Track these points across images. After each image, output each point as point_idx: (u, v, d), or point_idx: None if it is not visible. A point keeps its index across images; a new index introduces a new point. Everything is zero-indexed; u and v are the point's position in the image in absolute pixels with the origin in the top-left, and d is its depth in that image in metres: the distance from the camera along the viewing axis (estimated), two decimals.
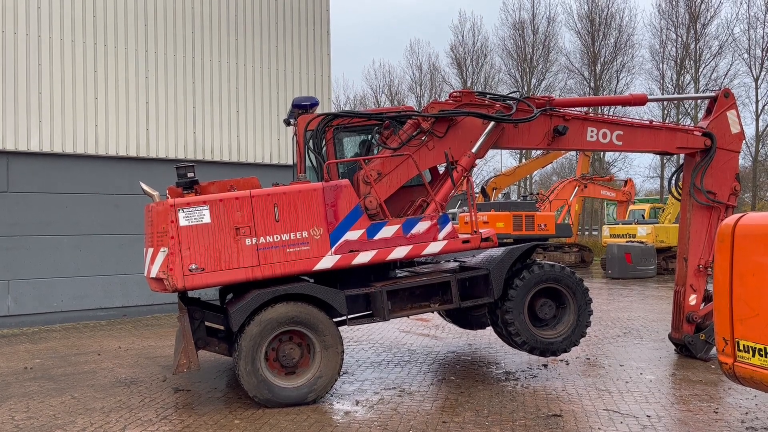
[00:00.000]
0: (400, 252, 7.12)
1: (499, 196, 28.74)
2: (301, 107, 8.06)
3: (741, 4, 48.51)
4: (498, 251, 7.73)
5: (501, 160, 61.39)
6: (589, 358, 8.86)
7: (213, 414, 6.46)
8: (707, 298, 8.71)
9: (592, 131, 8.24)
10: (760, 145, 37.64)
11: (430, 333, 10.93)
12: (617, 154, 42.10)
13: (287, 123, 8.52)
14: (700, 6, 37.94)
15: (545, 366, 8.36)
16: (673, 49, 39.15)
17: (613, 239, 24.71)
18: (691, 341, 8.63)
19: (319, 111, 8.30)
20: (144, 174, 12.98)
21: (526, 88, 43.10)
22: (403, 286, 7.32)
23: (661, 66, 39.58)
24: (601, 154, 41.73)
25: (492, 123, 7.71)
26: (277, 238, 6.70)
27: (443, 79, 48.84)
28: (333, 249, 6.86)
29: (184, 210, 6.50)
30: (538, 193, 30.26)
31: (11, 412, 6.59)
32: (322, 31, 15.42)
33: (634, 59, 41.15)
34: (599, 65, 41.05)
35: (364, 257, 6.98)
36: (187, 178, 6.99)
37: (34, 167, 12.15)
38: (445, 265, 8.50)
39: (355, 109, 49.97)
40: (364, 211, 7.04)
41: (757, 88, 36.32)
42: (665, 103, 37.41)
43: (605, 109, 33.20)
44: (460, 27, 49.13)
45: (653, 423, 6.04)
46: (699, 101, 31.96)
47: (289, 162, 14.82)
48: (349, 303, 7.04)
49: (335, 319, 7.02)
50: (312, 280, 7.33)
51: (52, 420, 6.31)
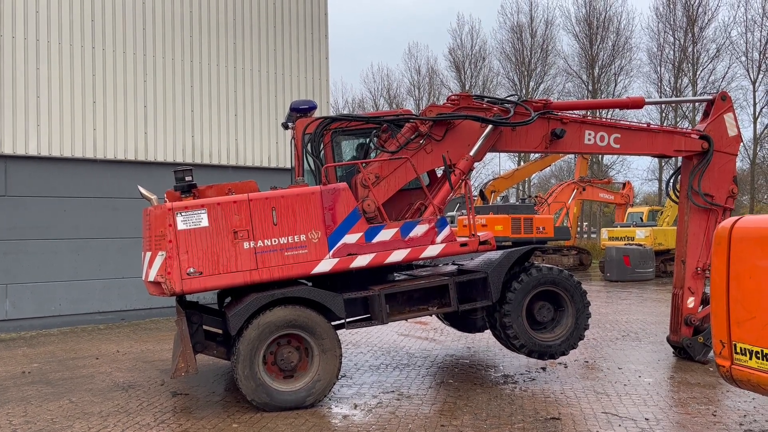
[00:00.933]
0: (398, 255, 7.12)
1: (498, 199, 28.77)
2: (300, 111, 8.06)
3: (738, 7, 48.55)
4: (496, 254, 7.73)
5: (499, 163, 61.60)
6: (587, 361, 8.86)
7: (211, 418, 6.45)
8: (705, 301, 8.71)
9: (590, 134, 8.26)
10: (758, 148, 37.67)
11: (428, 336, 10.93)
12: (615, 156, 42.15)
13: (285, 127, 8.52)
14: (698, 9, 38.05)
15: (543, 369, 8.36)
16: (671, 52, 39.27)
17: (611, 242, 24.74)
18: (690, 344, 8.63)
19: (317, 114, 8.31)
20: (142, 178, 12.96)
21: (524, 91, 43.16)
22: (401, 290, 7.32)
23: (659, 69, 39.67)
24: (600, 156, 41.78)
25: (490, 126, 7.72)
26: (275, 241, 6.70)
27: (442, 82, 48.93)
28: (331, 252, 6.86)
29: (182, 214, 6.49)
30: (536, 196, 30.28)
31: (9, 417, 6.57)
32: (320, 34, 15.44)
33: (632, 62, 41.25)
34: (597, 68, 41.12)
35: (362, 260, 6.97)
36: (185, 181, 6.99)
37: (32, 171, 12.14)
38: (443, 269, 8.50)
39: (353, 113, 50.07)
40: (362, 215, 7.04)
41: (754, 91, 36.41)
42: (663, 106, 37.46)
43: (603, 112, 33.27)
44: (458, 30, 49.18)
45: (651, 426, 6.04)
46: (697, 104, 31.99)
47: (288, 165, 14.84)
48: (348, 306, 7.03)
49: (333, 323, 7.01)
50: (310, 284, 7.33)
51: (50, 424, 6.30)
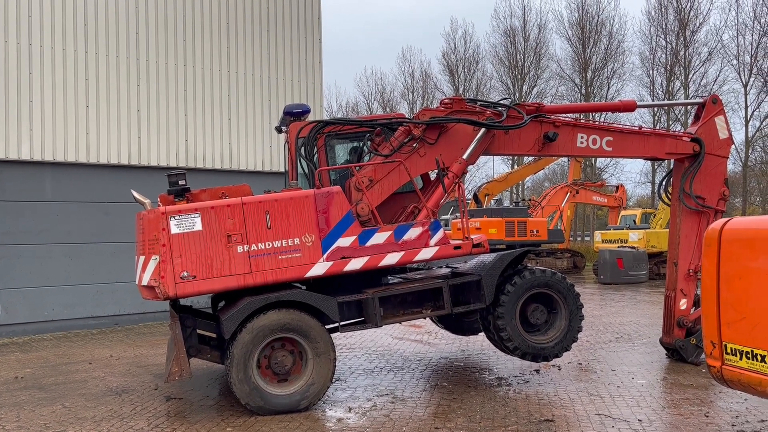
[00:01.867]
0: (392, 258, 7.13)
1: (492, 202, 28.84)
2: (293, 115, 8.08)
3: (729, 10, 48.87)
4: (489, 257, 7.76)
5: (493, 167, 61.67)
6: (581, 363, 8.88)
7: (205, 422, 6.44)
8: (697, 303, 8.76)
9: (582, 137, 8.31)
10: (750, 151, 37.93)
11: (423, 339, 10.94)
12: (608, 159, 42.33)
13: (279, 130, 8.53)
14: (689, 13, 38.32)
15: (537, 371, 8.38)
16: (663, 55, 39.50)
17: (605, 245, 24.82)
18: (682, 345, 8.68)
19: (311, 118, 8.32)
20: (136, 182, 12.94)
21: (517, 94, 43.32)
22: (395, 293, 7.33)
23: (651, 72, 39.91)
24: (593, 160, 41.94)
25: (483, 129, 7.75)
26: (268, 245, 6.70)
27: (435, 86, 49.05)
28: (325, 256, 6.87)
29: (176, 218, 6.49)
30: (530, 199, 30.38)
31: (1, 422, 6.54)
32: (314, 38, 15.47)
33: (625, 66, 41.48)
34: (590, 72, 41.32)
35: (356, 264, 6.99)
36: (179, 185, 6.99)
37: (24, 175, 12.10)
38: (437, 271, 8.52)
39: (347, 116, 50.11)
40: (356, 218, 7.05)
41: (746, 94, 36.69)
42: (656, 109, 37.69)
43: (597, 115, 33.44)
44: (451, 34, 49.66)
45: (644, 427, 6.06)
46: (689, 107, 32.19)
47: (281, 169, 14.83)
48: (342, 310, 7.04)
49: (328, 326, 7.02)
50: (304, 287, 7.34)
51: (43, 430, 6.28)
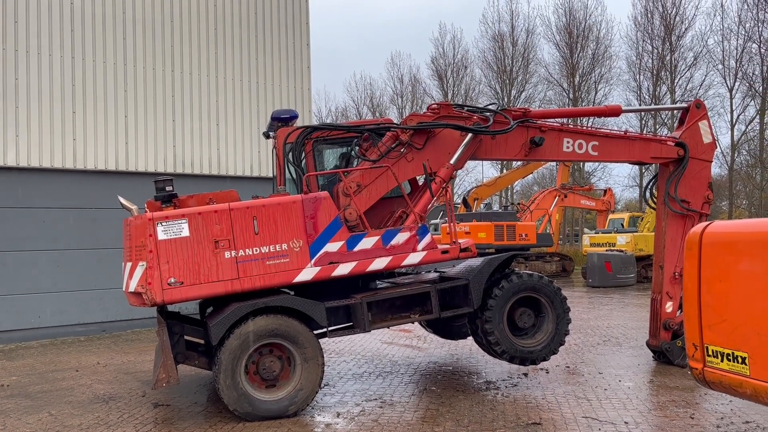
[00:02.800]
0: (379, 263, 7.15)
1: (481, 206, 28.93)
2: (281, 120, 8.09)
3: (714, 16, 49.61)
4: (477, 261, 7.79)
5: (482, 171, 61.81)
6: (568, 367, 8.93)
7: (193, 429, 6.42)
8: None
9: (568, 142, 8.38)
10: (736, 154, 38.29)
11: (412, 344, 10.95)
12: (596, 164, 42.60)
13: (266, 136, 8.54)
14: (675, 18, 38.69)
15: (525, 375, 8.42)
16: (650, 60, 39.84)
17: (593, 248, 24.96)
18: (668, 348, 8.75)
19: (299, 123, 8.34)
20: (123, 188, 12.87)
21: (506, 99, 43.54)
22: (383, 297, 7.34)
23: (638, 77, 40.23)
24: (581, 164, 42.20)
25: (470, 135, 7.81)
26: (256, 250, 6.70)
27: (424, 90, 49.19)
28: (313, 261, 6.88)
29: (163, 223, 6.48)
30: (519, 203, 30.51)
31: None
32: (302, 43, 15.49)
33: (612, 70, 41.80)
34: (578, 76, 41.60)
35: (343, 269, 7.00)
36: (166, 191, 6.97)
37: (10, 182, 12.02)
38: (425, 276, 8.54)
39: (335, 122, 50.13)
40: (344, 223, 7.06)
41: (731, 99, 37.06)
42: (643, 113, 37.99)
43: (585, 120, 33.67)
44: (440, 39, 49.62)
45: (631, 429, 6.11)
46: (675, 112, 32.50)
47: (270, 174, 14.81)
48: (330, 315, 7.04)
49: (316, 332, 7.02)
50: (292, 293, 7.33)
51: None
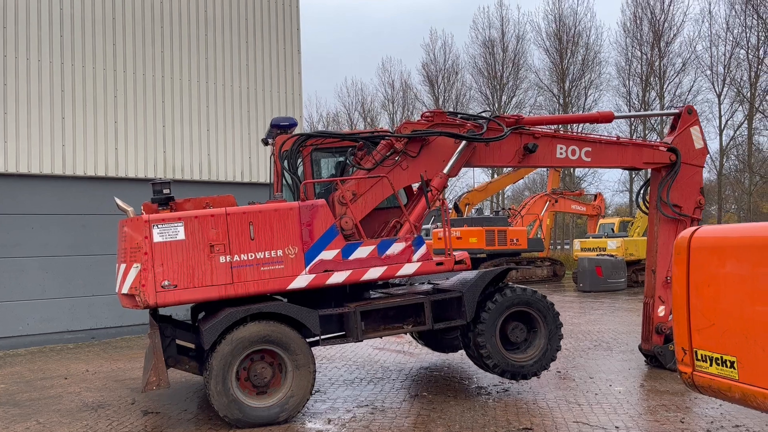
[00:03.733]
0: (374, 273, 7.15)
1: (472, 211, 29.00)
2: (280, 127, 8.09)
3: (703, 22, 50.02)
4: (471, 274, 7.81)
5: (473, 176, 62.09)
6: (559, 371, 8.94)
7: None
8: None
9: (561, 148, 8.43)
10: (725, 159, 38.59)
11: (403, 349, 10.94)
12: (587, 168, 42.78)
13: (265, 143, 8.56)
14: (664, 24, 39.02)
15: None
16: (639, 66, 40.11)
17: (584, 253, 25.05)
18: (660, 352, 8.78)
19: (297, 131, 8.34)
20: (113, 194, 12.73)
21: (496, 105, 43.71)
22: (376, 307, 7.33)
23: (627, 83, 40.50)
24: (572, 169, 42.41)
25: (464, 142, 7.84)
26: (251, 256, 6.69)
27: (415, 96, 49.31)
28: (308, 268, 6.87)
29: (159, 226, 6.46)
30: (510, 209, 30.60)
31: None
32: (293, 49, 15.49)
33: (602, 76, 42.04)
34: (568, 82, 41.83)
35: (338, 277, 6.99)
36: (163, 194, 6.97)
37: None
38: (418, 288, 8.54)
39: (327, 128, 50.14)
40: (340, 232, 7.06)
41: (719, 104, 37.36)
42: (632, 119, 38.23)
43: (576, 126, 33.83)
44: (431, 45, 49.97)
45: None
46: (665, 117, 32.70)
47: (261, 180, 14.82)
48: (323, 323, 7.02)
49: (308, 339, 6.99)
50: (285, 300, 7.31)
51: None
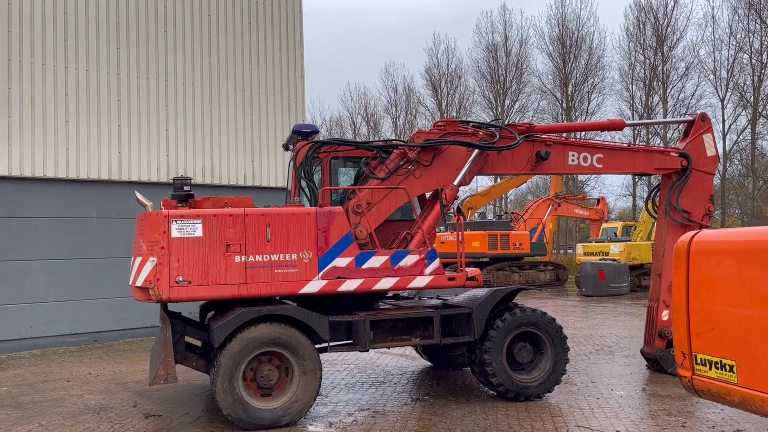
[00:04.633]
0: (386, 283, 7.19)
1: (475, 215, 29.03)
2: (301, 134, 8.14)
3: (706, 27, 49.87)
4: (482, 291, 7.82)
5: (476, 180, 61.97)
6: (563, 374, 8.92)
7: None
8: None
9: (573, 155, 8.46)
10: (728, 164, 38.55)
11: (405, 353, 10.94)
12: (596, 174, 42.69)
13: (285, 148, 8.63)
14: (667, 29, 39.06)
15: None
16: (642, 70, 40.16)
17: (586, 257, 25.03)
18: (662, 356, 8.77)
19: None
20: (116, 197, 12.89)
21: (500, 109, 43.76)
22: (386, 318, 7.35)
23: (630, 87, 40.53)
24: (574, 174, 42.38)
25: (476, 150, 7.88)
26: (266, 258, 6.74)
27: (418, 100, 49.42)
28: (320, 274, 6.91)
29: (178, 222, 6.52)
30: (512, 213, 30.61)
31: None
32: (296, 54, 15.55)
33: (605, 80, 42.10)
34: (571, 86, 41.86)
35: (350, 285, 7.03)
36: (183, 191, 7.04)
37: (2, 191, 11.98)
38: (428, 302, 8.56)
39: (332, 134, 50.24)
40: (355, 240, 7.10)
41: (723, 108, 37.39)
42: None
43: (579, 133, 33.80)
44: (434, 49, 49.88)
45: None
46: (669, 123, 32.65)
47: (264, 184, 14.89)
48: (331, 329, 7.04)
49: (317, 345, 7.02)
50: (294, 303, 7.34)
51: None
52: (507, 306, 7.84)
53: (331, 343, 7.14)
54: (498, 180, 40.92)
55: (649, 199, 9.54)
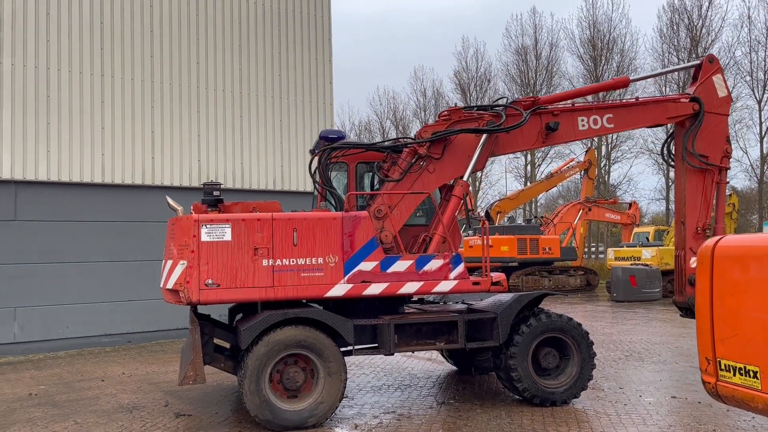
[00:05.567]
0: (410, 287, 7.24)
1: (504, 219, 28.84)
2: (328, 139, 8.24)
3: (742, 27, 48.57)
4: (507, 296, 7.82)
5: (506, 184, 61.67)
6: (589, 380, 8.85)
7: None
8: None
9: (583, 120, 8.31)
10: (765, 167, 37.62)
11: (431, 357, 10.96)
12: (622, 176, 42.22)
13: (312, 153, 8.73)
14: (701, 30, 38.35)
15: None
16: (676, 73, 39.40)
17: (618, 262, 24.68)
18: (694, 303, 8.58)
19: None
20: (149, 201, 13.18)
21: None
22: (411, 322, 7.40)
23: (664, 89, 39.78)
24: (605, 177, 41.84)
25: (485, 135, 7.81)
26: (293, 261, 6.86)
27: (447, 104, 49.29)
28: (346, 278, 7.00)
29: (207, 226, 6.69)
30: (542, 217, 30.35)
31: None
32: (324, 60, 15.72)
33: (637, 83, 41.44)
34: None
35: (375, 289, 7.10)
36: (213, 196, 7.20)
37: (41, 196, 12.36)
38: (453, 306, 8.58)
39: (360, 138, 50.45)
40: (380, 244, 7.17)
41: (760, 110, 36.52)
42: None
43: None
44: (463, 53, 49.99)
45: None
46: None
47: (293, 188, 15.07)
48: (356, 333, 7.11)
49: (342, 349, 7.10)
50: (320, 307, 7.43)
51: None
52: (532, 311, 7.81)
53: (355, 347, 7.21)
54: (528, 183, 40.63)
55: (665, 147, 9.28)
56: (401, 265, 7.22)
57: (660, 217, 44.75)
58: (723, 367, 3.78)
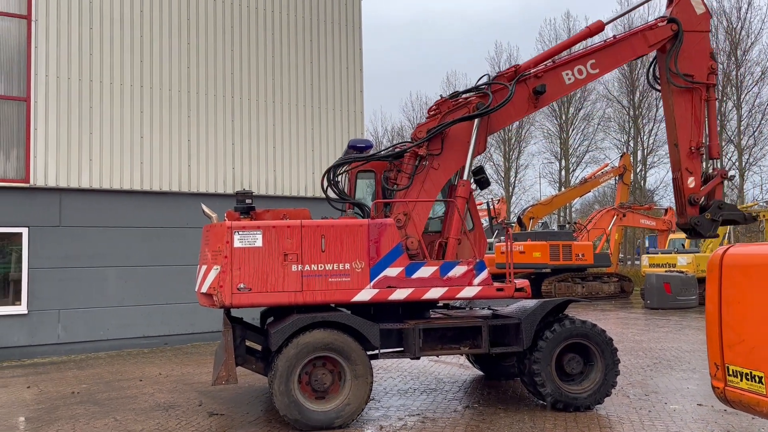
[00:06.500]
0: (435, 293, 7.43)
1: (537, 225, 28.69)
2: (356, 149, 8.51)
3: None
4: (531, 302, 7.93)
5: (540, 189, 61.09)
6: (614, 387, 8.87)
7: None
8: (706, 179, 8.70)
9: (568, 74, 8.40)
10: None
11: (458, 362, 11.08)
12: (658, 181, 41.49)
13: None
14: (741, 33, 37.58)
15: None
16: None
17: (652, 269, 24.33)
18: (698, 222, 8.54)
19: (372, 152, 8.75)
20: (185, 208, 13.63)
21: (563, 117, 43.14)
22: (436, 326, 7.58)
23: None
24: (641, 183, 41.24)
25: (477, 119, 7.94)
26: (321, 267, 7.12)
27: None
28: (372, 283, 7.22)
29: (240, 233, 7.00)
30: (575, 223, 30.09)
31: None
32: (355, 69, 16.02)
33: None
34: (638, 93, 40.82)
35: (400, 294, 7.30)
36: (245, 204, 7.54)
37: (84, 202, 12.91)
38: (478, 311, 8.73)
39: (393, 142, 50.67)
40: (405, 250, 7.37)
41: None
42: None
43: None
44: (496, 58, 49.76)
45: None
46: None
47: (323, 195, 15.33)
48: (382, 337, 7.33)
49: (368, 352, 7.30)
50: (348, 311, 7.66)
51: None
52: (557, 317, 7.90)
53: (381, 350, 7.41)
54: (562, 189, 40.26)
55: (649, 72, 9.16)
56: (426, 271, 7.41)
57: None
58: (731, 372, 3.86)
